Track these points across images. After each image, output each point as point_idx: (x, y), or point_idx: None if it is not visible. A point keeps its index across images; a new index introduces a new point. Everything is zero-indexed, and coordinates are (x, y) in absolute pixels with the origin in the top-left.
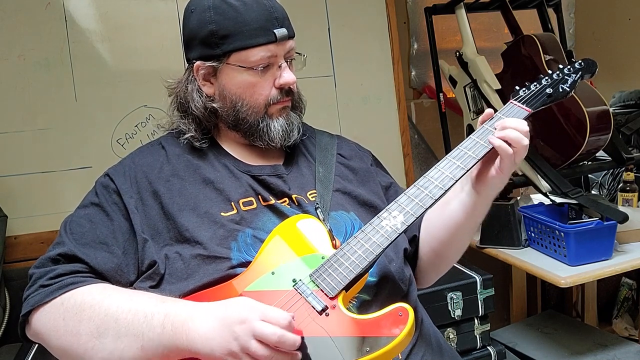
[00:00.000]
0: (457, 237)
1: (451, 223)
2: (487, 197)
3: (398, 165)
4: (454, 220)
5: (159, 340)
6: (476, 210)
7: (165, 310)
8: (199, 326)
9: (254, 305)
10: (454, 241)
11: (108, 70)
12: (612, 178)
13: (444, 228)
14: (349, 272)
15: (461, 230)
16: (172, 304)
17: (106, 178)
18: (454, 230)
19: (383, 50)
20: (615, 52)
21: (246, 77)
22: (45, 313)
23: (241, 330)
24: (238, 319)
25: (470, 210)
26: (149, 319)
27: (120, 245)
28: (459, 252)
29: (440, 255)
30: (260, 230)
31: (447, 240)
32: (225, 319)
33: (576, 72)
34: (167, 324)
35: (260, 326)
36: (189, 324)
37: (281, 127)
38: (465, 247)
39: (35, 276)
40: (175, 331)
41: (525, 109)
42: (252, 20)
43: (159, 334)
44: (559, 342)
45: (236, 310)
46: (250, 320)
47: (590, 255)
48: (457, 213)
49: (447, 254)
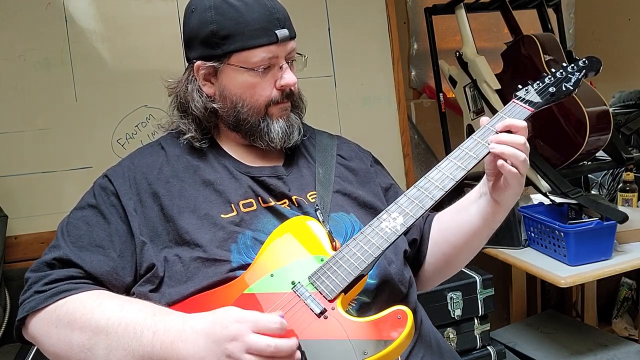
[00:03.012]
0: (471, 242)
1: (467, 228)
2: (505, 206)
3: (398, 166)
4: (471, 226)
5: (150, 357)
6: (495, 217)
7: (154, 327)
8: (189, 347)
9: (243, 317)
10: (468, 247)
11: (108, 70)
12: (612, 178)
13: (460, 233)
14: (347, 274)
15: (477, 236)
16: (161, 319)
17: (105, 179)
18: (469, 236)
19: (383, 50)
20: (615, 52)
21: (247, 78)
22: (39, 319)
23: (234, 347)
24: (229, 336)
25: (489, 217)
26: (138, 335)
27: (116, 248)
28: (469, 258)
29: (450, 260)
30: (260, 232)
31: (460, 246)
32: (215, 337)
33: (580, 70)
34: (157, 343)
35: (254, 340)
36: (178, 344)
37: (281, 129)
38: (474, 254)
39: (31, 281)
40: (164, 351)
41: (528, 108)
42: (254, 20)
43: (149, 352)
44: (559, 342)
45: (226, 326)
46: (242, 335)
47: (590, 255)
48: (475, 219)
49: (457, 259)
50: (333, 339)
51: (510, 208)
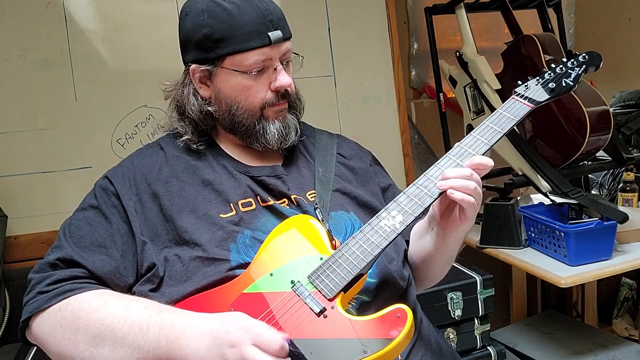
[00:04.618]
0: (432, 266)
1: (424, 255)
2: (456, 238)
3: (398, 165)
4: (427, 252)
5: (155, 353)
6: (447, 247)
7: (160, 323)
8: (193, 344)
9: (248, 326)
10: (430, 269)
11: (108, 70)
12: (612, 178)
13: (420, 258)
14: (347, 273)
15: (435, 261)
16: (167, 315)
17: (105, 180)
18: (429, 261)
19: (383, 50)
20: (616, 52)
21: (241, 81)
22: (43, 320)
23: (231, 354)
24: (229, 341)
25: (441, 247)
26: (144, 331)
27: (118, 248)
28: (438, 278)
29: (420, 277)
30: (259, 231)
31: (424, 268)
32: (217, 339)
33: (580, 65)
34: (162, 338)
35: (251, 353)
36: (182, 339)
37: (277, 130)
38: (444, 274)
39: (34, 281)
40: (170, 346)
41: (528, 104)
42: (246, 23)
43: (154, 347)
44: (559, 342)
45: (229, 331)
46: (241, 345)
47: (590, 255)
48: (429, 247)
49: (426, 277)
50: (333, 338)
51: (463, 235)
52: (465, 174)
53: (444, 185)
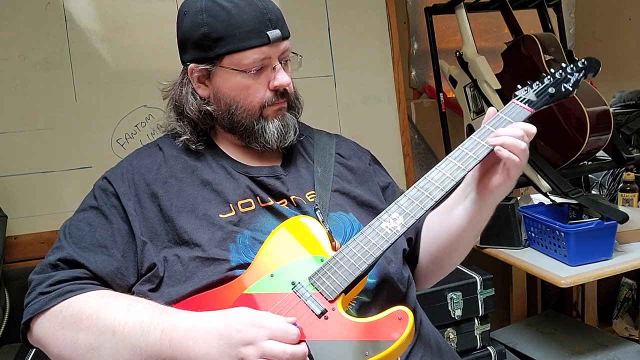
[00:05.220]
0: (459, 243)
1: (454, 229)
2: (492, 203)
3: (398, 165)
4: (457, 226)
5: (157, 355)
6: (481, 216)
7: (162, 325)
8: (201, 347)
9: (259, 322)
10: (456, 248)
11: (108, 70)
12: (612, 178)
13: (447, 234)
14: (348, 274)
15: (464, 236)
16: (168, 317)
17: (104, 181)
18: (457, 236)
19: (383, 50)
20: (616, 52)
21: (240, 80)
22: (45, 321)
23: (248, 351)
24: (244, 340)
25: (475, 217)
26: (146, 334)
27: (119, 249)
28: (459, 259)
29: (440, 262)
30: (258, 231)
31: (448, 247)
32: (228, 339)
33: (579, 70)
34: (165, 341)
35: (270, 346)
36: (188, 342)
37: (276, 129)
38: (465, 254)
39: (35, 282)
40: (173, 349)
41: (527, 108)
42: (244, 22)
43: (157, 350)
44: (559, 342)
45: (241, 330)
46: (258, 340)
47: (591, 255)
48: (461, 220)
49: (447, 260)
50: (334, 339)
51: (495, 206)
52: (518, 133)
53: (495, 141)
